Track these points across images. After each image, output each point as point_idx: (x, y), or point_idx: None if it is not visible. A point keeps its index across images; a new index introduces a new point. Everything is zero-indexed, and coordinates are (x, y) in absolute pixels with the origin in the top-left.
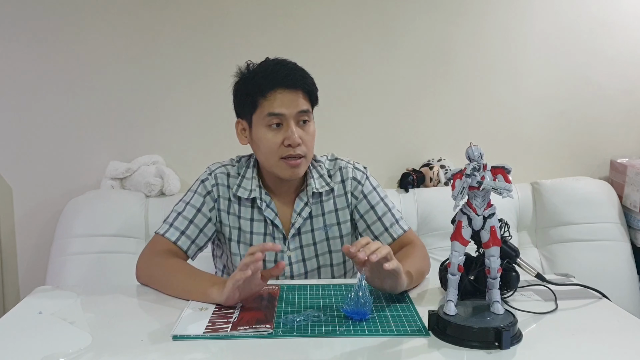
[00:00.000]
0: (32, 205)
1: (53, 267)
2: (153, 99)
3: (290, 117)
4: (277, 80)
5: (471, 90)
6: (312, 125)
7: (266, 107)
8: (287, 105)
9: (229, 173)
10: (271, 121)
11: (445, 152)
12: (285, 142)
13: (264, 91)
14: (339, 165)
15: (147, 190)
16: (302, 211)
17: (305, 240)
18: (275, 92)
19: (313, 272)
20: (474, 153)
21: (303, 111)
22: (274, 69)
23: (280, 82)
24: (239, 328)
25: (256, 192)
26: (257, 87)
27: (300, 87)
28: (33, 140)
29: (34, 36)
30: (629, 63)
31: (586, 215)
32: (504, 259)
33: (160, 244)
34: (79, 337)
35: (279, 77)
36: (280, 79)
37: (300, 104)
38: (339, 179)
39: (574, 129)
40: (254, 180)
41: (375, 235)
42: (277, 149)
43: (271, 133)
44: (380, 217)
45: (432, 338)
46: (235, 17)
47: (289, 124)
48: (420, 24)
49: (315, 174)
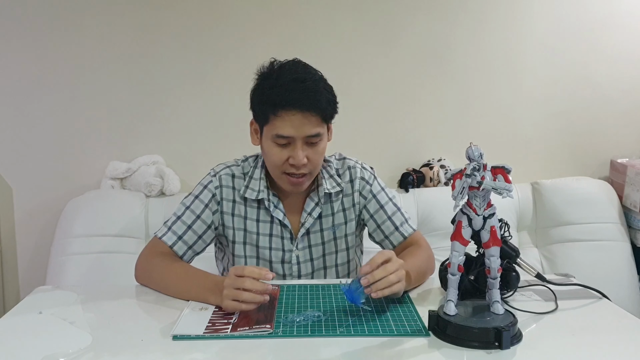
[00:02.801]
0: (32, 205)
1: (53, 267)
2: (153, 99)
3: (298, 139)
4: (290, 101)
5: (471, 90)
6: (322, 143)
7: (276, 125)
8: (296, 128)
9: (233, 174)
10: (279, 141)
11: (445, 152)
12: (290, 161)
13: (276, 109)
14: (347, 165)
15: (147, 190)
16: (312, 211)
17: (314, 240)
18: (286, 113)
19: (319, 271)
20: (474, 153)
21: (312, 135)
22: (290, 87)
23: (293, 103)
24: (239, 329)
25: (264, 193)
26: (270, 102)
27: (313, 110)
28: (33, 140)
29: (34, 36)
30: (629, 63)
31: (586, 215)
32: (504, 259)
33: (158, 246)
34: (79, 337)
35: (293, 97)
36: (293, 100)
37: (310, 128)
38: (348, 178)
39: (574, 129)
40: (262, 181)
41: (386, 235)
42: (281, 165)
43: (277, 149)
44: (390, 217)
45: (432, 338)
46: (235, 17)
47: (296, 145)
48: (420, 23)
49: (325, 174)
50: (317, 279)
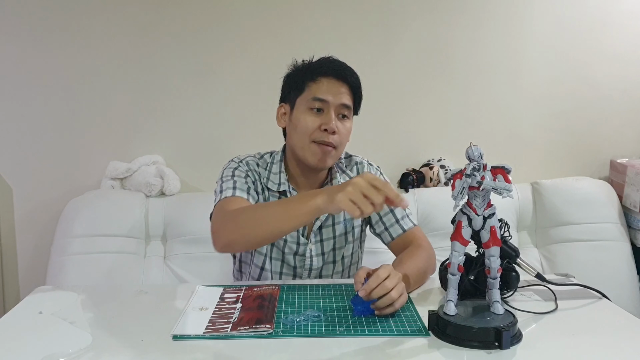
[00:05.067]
0: (32, 205)
1: (53, 267)
2: (153, 99)
3: (332, 105)
4: (329, 69)
5: (471, 90)
6: (349, 123)
7: (313, 90)
8: (333, 94)
9: (257, 162)
10: (314, 104)
11: (445, 152)
12: (322, 127)
13: (315, 75)
14: (354, 161)
15: (147, 190)
16: None
17: (326, 234)
18: (324, 78)
19: (328, 265)
20: (474, 153)
21: (345, 105)
22: (327, 60)
23: (332, 71)
24: (239, 328)
25: (285, 185)
26: (309, 72)
27: (348, 81)
28: (33, 140)
29: (34, 36)
30: (628, 63)
31: (586, 215)
32: (504, 259)
33: (231, 203)
34: (79, 337)
35: (331, 66)
36: (332, 68)
37: (344, 97)
38: (356, 173)
39: (574, 129)
40: (282, 174)
41: (386, 227)
42: (312, 132)
43: (311, 116)
44: (392, 209)
45: (432, 338)
46: (236, 17)
47: (330, 112)
48: (420, 23)
49: (339, 169)
50: (325, 272)
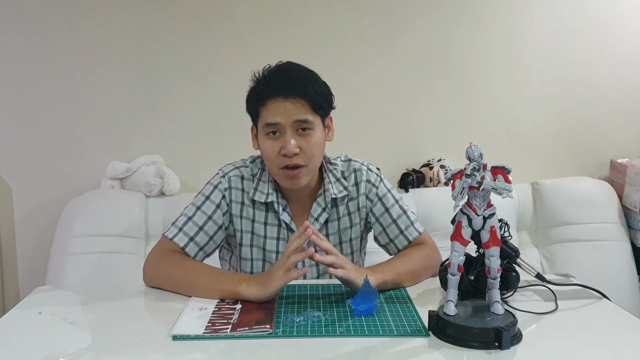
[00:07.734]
0: (32, 205)
1: (53, 267)
2: (153, 99)
3: (287, 126)
4: (274, 89)
5: (471, 90)
6: (315, 133)
7: (264, 115)
8: (282, 115)
9: (242, 176)
10: (268, 130)
11: (445, 152)
12: (281, 152)
13: (262, 100)
14: (353, 167)
15: (147, 190)
16: (319, 216)
17: None
18: (272, 101)
19: (325, 275)
20: (474, 153)
21: (300, 120)
22: (273, 77)
23: (277, 90)
24: (239, 329)
25: (273, 195)
26: (257, 97)
27: (299, 96)
28: (33, 140)
29: (33, 36)
30: (629, 63)
31: (586, 215)
32: (504, 259)
33: (168, 247)
34: (79, 337)
35: (276, 85)
36: (277, 88)
37: (297, 113)
38: (353, 181)
39: (574, 129)
40: (270, 183)
41: (391, 239)
42: (275, 158)
43: (269, 142)
44: (395, 220)
45: (432, 338)
46: (235, 17)
47: (286, 133)
48: (420, 23)
49: (332, 178)
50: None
